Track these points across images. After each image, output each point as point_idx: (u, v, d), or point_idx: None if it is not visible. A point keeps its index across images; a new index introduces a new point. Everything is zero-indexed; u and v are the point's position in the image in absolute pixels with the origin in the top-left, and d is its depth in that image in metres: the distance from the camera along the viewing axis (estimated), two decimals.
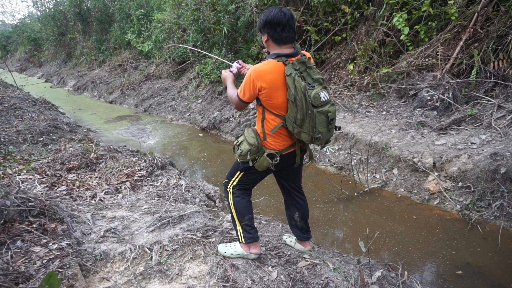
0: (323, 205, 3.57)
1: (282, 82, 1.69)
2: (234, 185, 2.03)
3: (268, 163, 1.82)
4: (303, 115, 1.69)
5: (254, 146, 1.82)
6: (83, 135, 5.36)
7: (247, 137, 1.87)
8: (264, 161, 1.83)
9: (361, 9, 5.61)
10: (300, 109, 1.68)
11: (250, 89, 1.75)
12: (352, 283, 1.99)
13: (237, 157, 1.92)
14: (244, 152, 1.84)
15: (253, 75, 1.70)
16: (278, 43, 1.74)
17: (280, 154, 1.85)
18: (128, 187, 3.14)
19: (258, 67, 1.70)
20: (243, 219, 2.01)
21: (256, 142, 1.82)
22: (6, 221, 2.10)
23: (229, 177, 2.06)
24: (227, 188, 2.07)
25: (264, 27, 1.74)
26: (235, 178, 2.02)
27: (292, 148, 1.89)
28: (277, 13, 1.68)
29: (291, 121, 1.74)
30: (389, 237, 2.96)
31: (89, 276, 1.90)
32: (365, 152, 4.25)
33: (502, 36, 4.32)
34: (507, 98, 4.08)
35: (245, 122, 6.00)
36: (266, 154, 1.82)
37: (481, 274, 2.47)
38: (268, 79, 1.68)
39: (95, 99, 11.13)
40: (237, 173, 2.01)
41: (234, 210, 2.02)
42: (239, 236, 2.04)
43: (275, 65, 1.69)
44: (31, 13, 24.42)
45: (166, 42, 9.41)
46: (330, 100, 1.77)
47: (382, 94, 5.17)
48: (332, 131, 1.83)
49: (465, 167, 3.39)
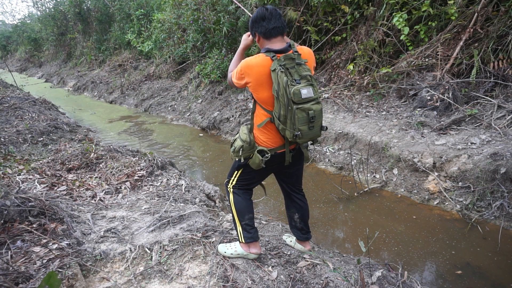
0: (323, 205, 3.58)
1: (268, 77, 1.71)
2: (234, 184, 2.04)
3: (259, 160, 1.81)
4: (285, 111, 1.68)
5: (246, 143, 1.83)
6: (83, 135, 5.36)
7: (241, 134, 1.89)
8: (255, 158, 1.83)
9: (361, 9, 5.61)
10: (283, 105, 1.68)
11: (238, 76, 1.80)
12: (352, 283, 1.99)
13: (231, 154, 1.94)
14: (237, 148, 1.86)
15: (242, 65, 1.76)
16: (267, 37, 1.78)
17: (274, 152, 1.86)
18: (128, 187, 3.14)
19: (248, 60, 1.75)
20: (243, 219, 2.01)
21: (248, 139, 1.83)
22: (6, 221, 2.10)
23: (229, 177, 2.07)
24: (227, 188, 2.08)
25: (252, 27, 1.82)
26: (234, 177, 2.04)
27: (284, 148, 1.89)
28: (259, 10, 1.79)
29: (276, 117, 1.75)
30: (389, 237, 2.96)
31: (89, 276, 1.90)
32: (365, 152, 4.25)
33: (502, 36, 4.32)
34: (507, 98, 4.08)
35: (245, 122, 6.00)
36: (257, 150, 1.83)
37: (481, 274, 2.47)
38: (254, 73, 1.72)
39: (95, 99, 11.13)
40: (235, 172, 2.02)
41: (234, 209, 2.03)
42: (239, 235, 2.04)
43: (263, 59, 1.72)
44: (31, 13, 24.49)
45: (166, 42, 9.42)
46: (316, 98, 1.71)
47: (382, 94, 5.17)
48: (315, 130, 1.77)
49: (465, 167, 3.39)
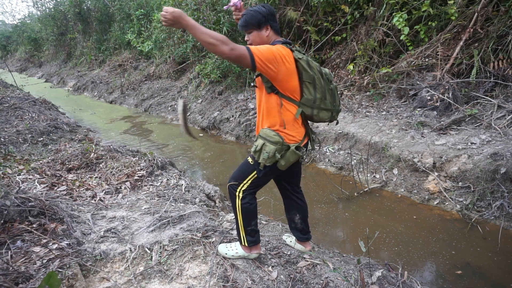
0: (323, 205, 3.57)
1: (295, 66, 1.72)
2: (245, 189, 1.90)
3: (298, 156, 1.79)
4: (323, 92, 1.76)
5: (279, 144, 1.77)
6: (83, 135, 5.36)
7: (268, 137, 1.78)
8: (291, 156, 1.78)
9: (361, 9, 5.61)
10: (319, 88, 1.74)
11: (271, 57, 1.61)
12: (352, 283, 1.99)
13: (263, 162, 1.79)
14: (271, 153, 1.76)
15: (281, 50, 1.65)
16: (278, 32, 1.83)
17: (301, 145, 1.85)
18: (128, 187, 3.14)
19: (281, 47, 1.68)
20: (249, 225, 1.95)
21: (280, 139, 1.77)
22: (6, 221, 2.10)
23: (239, 180, 1.91)
24: (235, 192, 1.92)
25: (268, 19, 1.77)
26: (247, 181, 1.89)
27: (306, 137, 1.91)
28: (269, 7, 1.79)
29: (310, 104, 1.76)
30: (389, 237, 2.96)
31: (89, 276, 1.90)
32: (365, 152, 4.25)
33: (502, 36, 4.32)
34: (507, 98, 4.08)
35: (245, 122, 6.00)
36: (294, 147, 1.79)
37: (481, 274, 2.47)
38: (291, 61, 1.70)
39: (95, 99, 11.13)
40: (250, 176, 1.88)
41: (241, 215, 1.93)
42: (242, 239, 2.00)
43: (287, 50, 1.71)
44: (31, 13, 24.47)
45: (166, 42, 9.41)
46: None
47: (382, 94, 5.17)
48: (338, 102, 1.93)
49: (465, 167, 3.39)
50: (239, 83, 7.23)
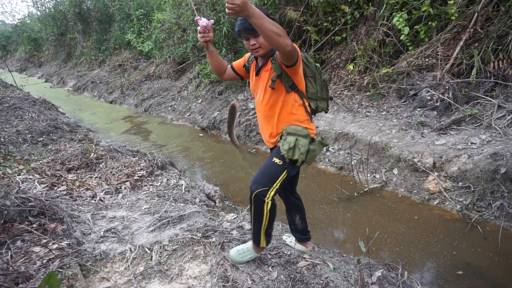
0: (323, 205, 3.57)
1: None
2: (274, 193, 1.76)
3: (322, 147, 1.87)
4: (321, 85, 1.89)
5: (309, 137, 1.80)
6: (83, 135, 5.36)
7: (299, 132, 1.76)
8: (318, 148, 1.83)
9: (361, 9, 5.61)
10: (318, 81, 1.87)
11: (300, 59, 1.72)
12: (352, 283, 1.99)
13: (301, 157, 1.75)
14: (306, 147, 1.76)
15: (298, 50, 1.67)
16: None
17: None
18: (128, 187, 3.14)
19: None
20: (270, 227, 1.91)
21: (308, 132, 1.82)
22: (6, 221, 2.09)
23: (268, 185, 1.74)
24: (264, 198, 1.73)
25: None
26: (277, 183, 1.75)
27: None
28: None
29: (315, 96, 1.87)
30: (389, 237, 2.96)
31: (89, 276, 1.90)
32: (365, 152, 4.25)
33: (502, 36, 4.31)
34: (507, 98, 4.08)
35: (245, 122, 6.00)
36: (319, 139, 1.85)
37: (482, 274, 2.47)
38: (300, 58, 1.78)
39: (95, 99, 11.13)
40: (280, 178, 1.76)
41: (267, 219, 1.82)
42: (260, 240, 1.92)
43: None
44: (31, 13, 24.48)
45: (166, 42, 9.41)
46: None
47: (382, 94, 5.17)
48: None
49: (465, 167, 3.39)
50: (239, 83, 7.23)
